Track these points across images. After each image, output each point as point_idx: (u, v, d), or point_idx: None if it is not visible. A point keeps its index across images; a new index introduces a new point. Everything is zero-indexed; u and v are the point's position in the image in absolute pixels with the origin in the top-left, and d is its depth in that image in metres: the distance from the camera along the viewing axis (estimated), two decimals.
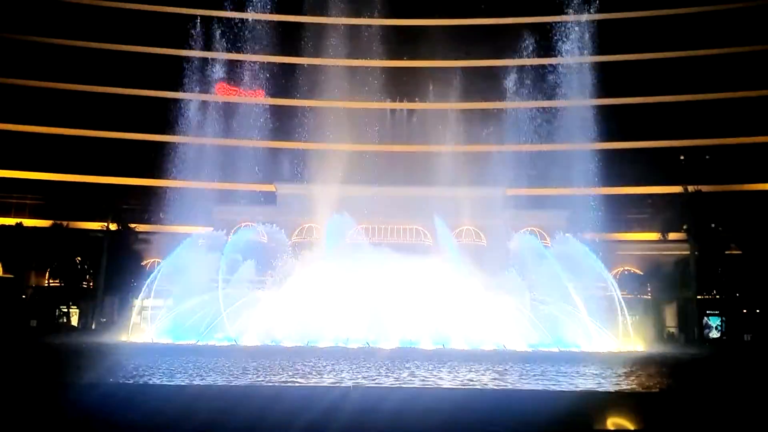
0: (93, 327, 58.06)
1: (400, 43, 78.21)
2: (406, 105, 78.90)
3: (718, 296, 60.21)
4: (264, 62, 75.93)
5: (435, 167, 64.49)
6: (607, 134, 72.56)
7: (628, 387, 20.69)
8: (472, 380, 21.37)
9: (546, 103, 72.76)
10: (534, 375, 23.16)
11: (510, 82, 71.16)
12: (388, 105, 78.36)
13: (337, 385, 19.49)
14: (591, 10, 71.50)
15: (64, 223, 64.34)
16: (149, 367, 23.42)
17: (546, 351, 35.22)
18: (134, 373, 21.33)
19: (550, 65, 71.46)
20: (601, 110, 72.44)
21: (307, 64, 76.63)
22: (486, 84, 74.57)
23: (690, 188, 62.04)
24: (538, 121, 70.06)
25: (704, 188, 62.24)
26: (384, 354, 31.15)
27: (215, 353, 31.45)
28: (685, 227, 60.72)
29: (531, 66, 72.04)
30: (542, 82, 72.13)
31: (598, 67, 73.42)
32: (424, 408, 14.18)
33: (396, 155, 75.24)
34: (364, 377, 21.51)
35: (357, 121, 72.30)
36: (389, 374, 22.50)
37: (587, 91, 69.06)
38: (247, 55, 77.04)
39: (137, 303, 47.61)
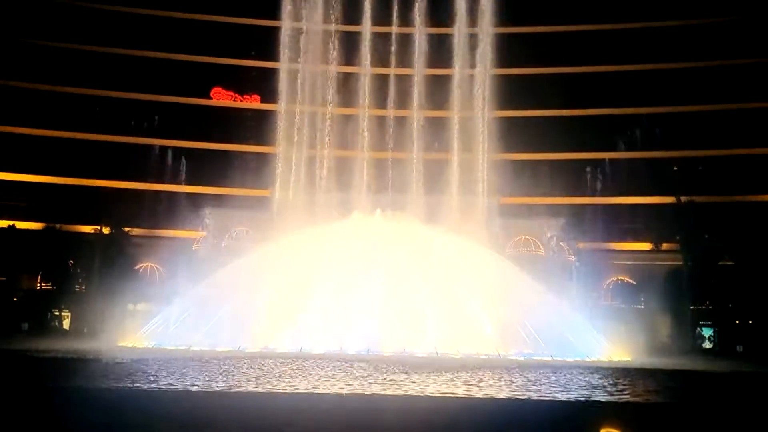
0: (85, 331, 57.66)
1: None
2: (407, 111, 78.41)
3: (710, 307, 60.33)
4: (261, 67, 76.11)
5: (430, 173, 64.10)
6: (601, 144, 72.91)
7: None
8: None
9: (538, 112, 73.22)
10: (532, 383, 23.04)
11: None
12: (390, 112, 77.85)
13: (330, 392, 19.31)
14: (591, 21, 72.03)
15: (57, 225, 63.98)
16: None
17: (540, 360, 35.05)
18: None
19: (548, 73, 71.86)
20: (597, 119, 72.91)
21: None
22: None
23: (683, 199, 62.26)
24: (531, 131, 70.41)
25: (697, 199, 62.38)
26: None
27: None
28: (678, 238, 60.94)
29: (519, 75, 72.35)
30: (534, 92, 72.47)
31: (594, 76, 73.92)
32: (421, 416, 14.09)
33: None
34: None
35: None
36: None
37: (578, 100, 69.39)
38: (245, 60, 77.24)
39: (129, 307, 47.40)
